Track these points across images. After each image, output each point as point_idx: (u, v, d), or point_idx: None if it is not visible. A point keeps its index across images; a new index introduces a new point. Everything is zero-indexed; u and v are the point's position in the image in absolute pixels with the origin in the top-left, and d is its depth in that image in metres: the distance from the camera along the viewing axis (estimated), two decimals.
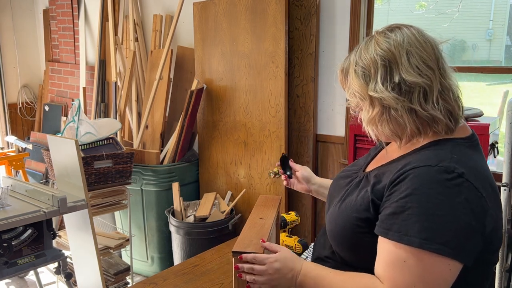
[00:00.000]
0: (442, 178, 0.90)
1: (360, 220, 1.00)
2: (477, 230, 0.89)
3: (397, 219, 0.91)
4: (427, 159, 0.94)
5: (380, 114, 0.99)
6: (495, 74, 2.87)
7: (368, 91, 0.99)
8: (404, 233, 0.89)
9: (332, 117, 2.81)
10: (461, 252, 0.88)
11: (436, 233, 0.87)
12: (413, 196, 0.90)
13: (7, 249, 1.89)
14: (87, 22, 4.19)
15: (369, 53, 1.01)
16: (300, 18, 2.77)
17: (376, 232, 0.96)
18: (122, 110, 3.56)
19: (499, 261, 1.94)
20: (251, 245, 1.10)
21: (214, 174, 3.24)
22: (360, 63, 1.01)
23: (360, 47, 1.04)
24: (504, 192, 1.91)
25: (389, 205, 0.94)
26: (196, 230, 2.82)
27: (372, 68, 0.99)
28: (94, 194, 2.63)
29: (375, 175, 1.04)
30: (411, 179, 0.92)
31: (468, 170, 0.91)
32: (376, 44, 1.01)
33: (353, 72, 1.02)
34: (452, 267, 0.88)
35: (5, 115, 4.53)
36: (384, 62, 0.98)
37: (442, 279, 0.88)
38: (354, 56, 1.04)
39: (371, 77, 0.99)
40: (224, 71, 3.06)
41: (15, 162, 3.33)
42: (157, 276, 1.68)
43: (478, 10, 4.36)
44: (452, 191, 0.89)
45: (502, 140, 1.97)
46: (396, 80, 0.97)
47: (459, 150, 0.97)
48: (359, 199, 1.03)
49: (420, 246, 0.87)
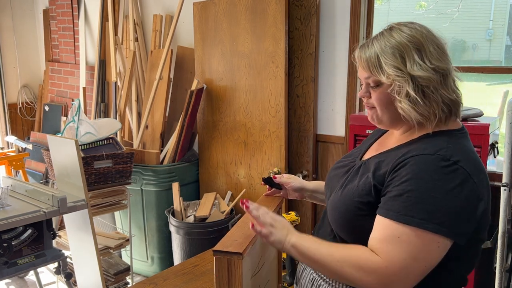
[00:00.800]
0: (439, 165, 0.98)
1: (362, 204, 1.07)
2: (469, 212, 0.98)
3: (397, 201, 0.99)
4: (425, 148, 1.02)
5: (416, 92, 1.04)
6: (495, 74, 2.87)
7: (408, 69, 1.04)
8: (403, 213, 0.97)
9: (332, 117, 2.81)
10: (454, 231, 0.96)
11: (432, 214, 0.95)
12: (413, 180, 0.98)
13: (7, 249, 1.89)
14: (87, 22, 4.19)
15: (397, 38, 1.06)
16: (300, 18, 2.77)
17: (378, 213, 1.02)
18: (122, 110, 3.56)
19: (499, 261, 1.94)
20: (233, 244, 1.10)
21: (214, 174, 3.24)
22: (390, 46, 1.06)
23: (381, 35, 1.10)
24: (504, 192, 1.91)
25: (391, 189, 1.01)
26: (196, 230, 2.82)
27: (405, 50, 1.05)
28: (94, 194, 2.63)
29: (375, 162, 1.10)
30: (411, 165, 1.00)
31: (462, 158, 1.00)
32: (401, 31, 1.07)
33: (387, 53, 1.06)
34: (441, 245, 0.96)
35: (5, 115, 4.53)
36: (415, 46, 1.05)
37: (431, 255, 0.96)
38: (379, 42, 1.09)
39: (407, 58, 1.05)
40: (224, 71, 3.06)
41: (15, 162, 3.33)
42: (157, 276, 1.68)
43: (478, 10, 4.35)
44: (448, 177, 0.97)
45: (502, 140, 1.97)
46: (427, 63, 1.04)
47: (454, 140, 1.05)
48: (361, 184, 1.09)
49: (418, 225, 0.95)
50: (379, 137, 1.28)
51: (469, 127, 2.02)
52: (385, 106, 1.10)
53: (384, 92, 1.08)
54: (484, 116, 2.17)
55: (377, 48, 1.08)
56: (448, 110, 1.06)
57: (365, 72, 1.11)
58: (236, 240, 1.13)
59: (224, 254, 1.07)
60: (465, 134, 1.11)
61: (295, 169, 2.94)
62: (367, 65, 1.10)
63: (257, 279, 1.25)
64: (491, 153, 2.12)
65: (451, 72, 1.07)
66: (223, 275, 1.08)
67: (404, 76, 1.04)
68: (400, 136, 1.14)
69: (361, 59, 1.11)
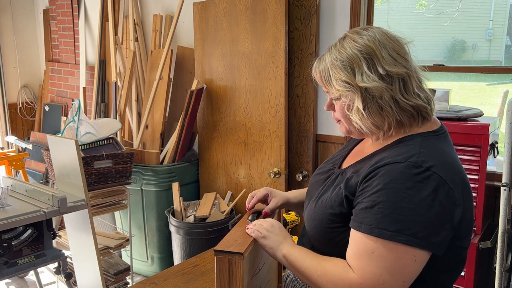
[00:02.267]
0: (411, 173, 0.94)
1: (334, 216, 1.05)
2: (446, 221, 0.94)
3: (369, 213, 0.95)
4: (397, 155, 0.99)
5: (366, 105, 1.02)
6: (495, 74, 2.88)
7: (357, 81, 1.02)
8: (375, 226, 0.94)
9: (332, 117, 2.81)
10: (429, 242, 0.92)
11: (405, 225, 0.92)
12: (384, 191, 0.95)
13: (7, 249, 1.89)
14: (87, 22, 4.19)
15: (347, 49, 1.04)
16: (300, 18, 2.77)
17: (350, 225, 1.00)
18: (122, 110, 3.56)
19: (499, 261, 1.94)
20: (234, 244, 1.10)
21: (214, 174, 3.24)
22: (340, 58, 1.04)
23: (334, 47, 1.09)
24: (504, 192, 1.91)
25: (362, 200, 0.98)
26: (196, 230, 2.82)
27: (354, 62, 1.03)
28: (94, 194, 2.63)
29: (352, 171, 1.08)
30: (381, 175, 0.96)
31: (436, 163, 0.96)
32: (352, 40, 1.05)
33: (337, 66, 1.05)
34: (417, 257, 0.93)
35: (5, 115, 4.53)
36: (365, 55, 1.02)
37: (407, 269, 0.93)
38: (330, 54, 1.08)
39: (356, 69, 1.02)
40: (224, 71, 3.06)
41: (15, 162, 3.33)
42: (157, 276, 1.68)
43: (478, 10, 4.36)
44: (421, 185, 0.93)
45: (502, 140, 1.97)
46: (380, 71, 1.01)
47: (428, 144, 1.01)
48: (333, 195, 1.07)
49: (391, 238, 0.92)
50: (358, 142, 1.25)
51: (469, 127, 2.03)
52: (348, 118, 1.08)
53: (340, 105, 1.07)
54: (484, 116, 2.17)
55: (328, 62, 1.07)
56: (410, 115, 1.02)
57: (322, 86, 1.11)
58: (237, 240, 1.13)
59: (225, 254, 1.07)
60: (443, 134, 1.07)
61: (295, 169, 2.94)
62: (321, 79, 1.09)
63: (257, 279, 1.25)
64: (491, 153, 2.12)
65: (412, 75, 1.03)
66: (224, 275, 1.08)
67: (353, 89, 1.02)
68: (375, 142, 1.11)
69: (316, 73, 1.11)
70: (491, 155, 2.12)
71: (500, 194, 1.92)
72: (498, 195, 1.95)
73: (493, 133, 2.13)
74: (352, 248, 0.99)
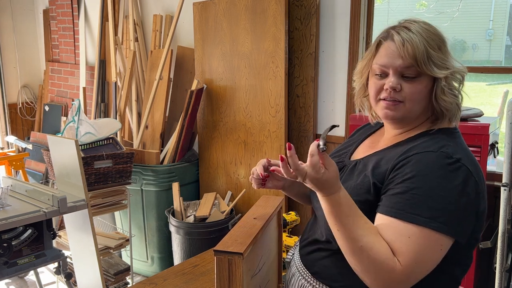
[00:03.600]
0: (443, 163, 0.96)
1: (359, 203, 1.01)
2: (472, 211, 0.97)
3: (401, 198, 0.95)
4: (428, 146, 1.00)
5: (458, 85, 1.06)
6: (495, 74, 2.88)
7: (449, 62, 1.04)
8: (409, 211, 0.93)
9: (332, 117, 2.81)
10: (457, 230, 0.94)
11: (437, 212, 0.93)
12: (417, 177, 0.95)
13: (7, 249, 1.89)
14: (87, 22, 4.19)
15: (433, 31, 1.04)
16: (300, 18, 2.77)
17: (378, 211, 0.99)
18: (122, 110, 3.56)
19: (499, 261, 1.94)
20: (234, 244, 1.10)
21: (214, 174, 3.24)
22: (432, 38, 1.04)
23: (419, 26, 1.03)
24: (504, 192, 1.90)
25: (393, 186, 0.98)
26: (196, 230, 2.82)
27: (442, 43, 1.05)
28: (94, 194, 2.63)
29: (374, 160, 1.07)
30: (414, 163, 0.97)
31: (464, 156, 0.99)
32: (428, 25, 1.06)
33: (433, 45, 1.03)
34: (444, 246, 0.94)
35: (5, 115, 4.53)
36: (444, 40, 1.06)
37: (436, 255, 0.94)
38: (421, 32, 1.02)
39: (445, 51, 1.05)
40: (224, 71, 3.06)
41: (15, 162, 3.33)
42: (157, 276, 1.68)
43: (478, 10, 4.36)
44: (452, 175, 0.95)
45: (502, 140, 1.97)
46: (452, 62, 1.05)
47: (453, 138, 1.04)
48: (358, 183, 1.06)
49: (425, 224, 0.92)
50: (366, 137, 1.25)
51: (469, 127, 2.02)
52: (422, 99, 1.04)
53: (425, 84, 1.02)
54: (484, 116, 2.17)
55: (422, 38, 1.01)
56: None
57: (407, 60, 1.01)
58: (236, 240, 1.13)
59: (224, 254, 1.07)
60: (460, 133, 1.10)
61: None
62: (413, 54, 1.00)
63: (257, 279, 1.25)
64: (491, 153, 2.12)
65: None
66: (224, 275, 1.08)
67: (449, 69, 1.03)
68: (397, 135, 1.11)
69: (405, 46, 1.01)
70: (491, 155, 2.12)
71: (500, 194, 1.92)
72: (498, 195, 1.95)
73: (493, 133, 2.12)
74: (385, 233, 0.94)
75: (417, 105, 1.05)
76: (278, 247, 1.51)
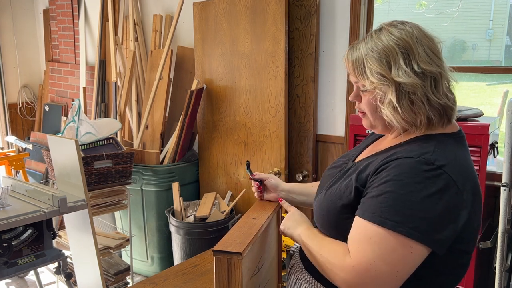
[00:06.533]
0: (421, 169, 0.94)
1: (343, 206, 1.05)
2: (449, 221, 0.94)
3: (374, 201, 0.96)
4: (411, 151, 0.99)
5: (399, 99, 1.02)
6: (495, 74, 2.88)
7: (393, 75, 1.01)
8: (378, 214, 0.94)
9: (332, 117, 2.81)
10: (429, 238, 0.92)
11: (407, 218, 0.92)
12: (391, 182, 0.95)
13: (7, 249, 1.89)
14: (87, 22, 4.19)
15: (385, 41, 1.03)
16: (300, 18, 2.77)
17: (356, 213, 1.01)
18: (122, 110, 3.56)
19: (499, 261, 1.94)
20: (233, 244, 1.10)
21: (214, 174, 3.24)
22: (377, 50, 1.03)
23: (370, 37, 1.06)
24: (504, 192, 1.91)
25: (371, 190, 0.99)
26: (196, 230, 2.82)
27: (391, 55, 1.02)
28: (94, 194, 2.63)
29: (365, 164, 1.08)
30: (392, 167, 0.97)
31: (448, 163, 0.96)
32: (389, 33, 1.04)
33: (373, 57, 1.03)
34: (415, 251, 0.92)
35: (5, 115, 4.53)
36: (402, 50, 1.02)
37: (403, 260, 0.93)
38: (366, 44, 1.06)
39: (393, 63, 1.02)
40: (224, 71, 3.06)
41: (15, 162, 3.33)
42: (157, 276, 1.68)
43: (478, 10, 4.36)
44: (429, 182, 0.93)
45: (502, 140, 1.97)
46: (415, 67, 1.00)
47: (444, 145, 1.01)
48: (343, 186, 1.08)
49: (392, 228, 0.92)
50: (376, 139, 1.25)
51: (469, 127, 2.02)
52: (375, 111, 1.07)
53: (371, 97, 1.06)
54: (484, 116, 2.17)
55: (363, 52, 1.05)
56: (438, 114, 1.03)
57: (352, 76, 1.09)
58: (236, 240, 1.13)
59: (224, 254, 1.07)
60: (461, 138, 1.07)
61: (295, 169, 2.94)
62: (353, 69, 1.07)
63: (257, 279, 1.25)
64: (491, 153, 2.12)
65: (444, 75, 1.03)
66: (223, 275, 1.08)
67: (388, 83, 1.01)
68: (392, 139, 1.12)
69: (348, 62, 1.09)
70: (491, 155, 2.12)
71: (500, 194, 1.92)
72: (498, 195, 1.95)
73: (493, 133, 2.12)
74: (352, 233, 1.00)
75: (376, 115, 1.07)
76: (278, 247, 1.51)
